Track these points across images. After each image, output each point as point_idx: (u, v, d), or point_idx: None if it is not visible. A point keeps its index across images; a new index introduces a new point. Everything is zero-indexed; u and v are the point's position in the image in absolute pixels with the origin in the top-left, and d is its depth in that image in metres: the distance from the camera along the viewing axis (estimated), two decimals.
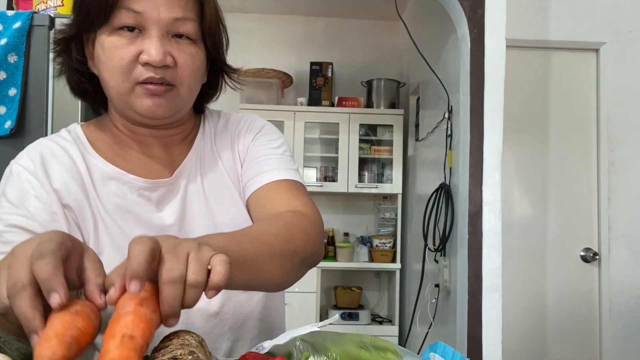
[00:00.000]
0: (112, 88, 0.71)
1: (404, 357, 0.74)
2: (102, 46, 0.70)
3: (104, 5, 0.68)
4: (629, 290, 2.36)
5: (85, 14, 0.70)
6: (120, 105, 0.73)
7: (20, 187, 0.71)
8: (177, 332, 0.62)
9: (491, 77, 1.88)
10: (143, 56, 0.68)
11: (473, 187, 1.88)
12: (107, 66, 0.70)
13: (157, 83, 0.69)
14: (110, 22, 0.69)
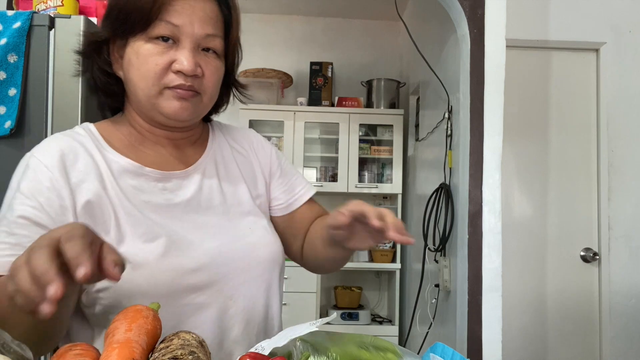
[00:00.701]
0: (141, 90, 0.77)
1: (404, 357, 0.74)
2: (136, 52, 0.76)
3: (146, 17, 0.74)
4: (629, 290, 2.36)
5: (124, 22, 0.76)
6: (146, 106, 0.78)
7: (35, 178, 0.74)
8: (177, 332, 0.62)
9: (491, 77, 1.88)
10: (176, 65, 0.75)
11: (473, 187, 1.88)
12: (140, 70, 0.76)
13: (185, 89, 0.76)
14: (147, 32, 0.75)
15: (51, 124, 1.45)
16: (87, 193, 0.75)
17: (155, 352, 0.58)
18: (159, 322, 0.62)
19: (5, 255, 0.68)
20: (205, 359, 0.59)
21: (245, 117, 3.40)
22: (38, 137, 1.44)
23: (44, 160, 0.76)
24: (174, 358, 0.55)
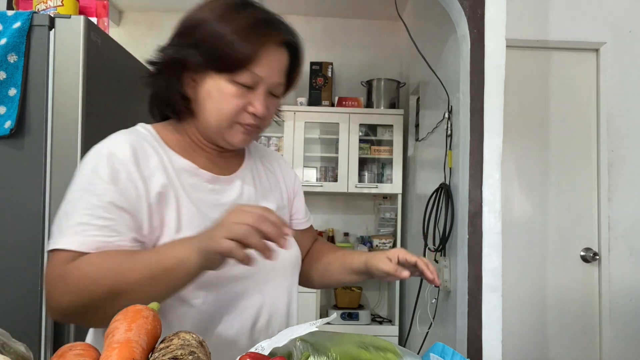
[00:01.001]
0: (215, 120, 0.87)
1: (404, 357, 0.74)
2: (218, 88, 0.85)
3: (239, 64, 0.84)
4: (629, 290, 2.36)
5: (216, 59, 0.84)
6: (213, 132, 0.89)
7: (114, 168, 0.81)
8: (177, 332, 0.62)
9: (491, 77, 1.88)
10: (251, 108, 0.87)
11: (473, 187, 1.88)
12: (218, 105, 0.86)
13: (253, 127, 0.89)
14: (233, 75, 0.85)
15: (51, 124, 1.45)
16: (157, 185, 0.84)
17: (155, 352, 0.58)
18: (159, 322, 0.62)
19: (94, 235, 0.77)
20: (205, 359, 0.59)
21: None
22: (38, 137, 1.44)
23: (119, 153, 0.83)
24: (174, 358, 0.55)
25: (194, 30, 0.85)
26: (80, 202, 0.79)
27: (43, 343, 1.41)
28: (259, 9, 0.90)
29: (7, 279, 1.42)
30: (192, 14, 0.88)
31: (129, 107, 1.83)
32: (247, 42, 0.83)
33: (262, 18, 0.88)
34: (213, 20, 0.84)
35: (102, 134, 1.58)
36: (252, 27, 0.85)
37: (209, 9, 0.87)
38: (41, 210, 1.43)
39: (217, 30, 0.83)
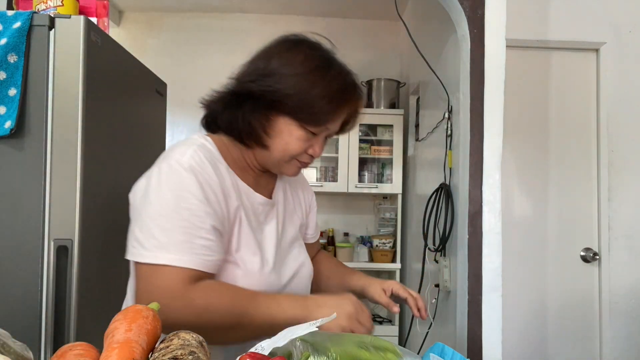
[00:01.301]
0: (277, 155, 0.95)
1: (404, 357, 0.74)
2: (288, 130, 0.93)
3: (320, 122, 0.93)
4: (629, 290, 2.36)
5: (299, 110, 0.91)
6: (270, 163, 0.97)
7: (202, 185, 0.86)
8: (177, 332, 0.62)
9: (491, 77, 1.88)
10: (311, 151, 0.96)
11: (473, 187, 1.88)
12: (286, 145, 0.93)
13: (306, 165, 1.00)
14: (307, 125, 0.92)
15: (51, 124, 1.45)
16: (232, 207, 0.91)
17: (155, 352, 0.58)
18: (158, 322, 0.62)
19: (199, 254, 0.83)
20: (205, 359, 0.59)
21: None
22: (38, 137, 1.44)
23: (204, 172, 0.88)
24: (174, 358, 0.55)
25: (283, 79, 0.90)
26: (177, 219, 0.83)
27: (43, 343, 1.41)
28: (343, 70, 0.96)
29: (7, 279, 1.42)
30: (283, 59, 0.93)
31: (129, 107, 1.83)
32: (331, 107, 0.92)
33: (347, 83, 0.95)
34: (303, 76, 0.90)
35: (102, 133, 1.59)
36: (338, 93, 0.92)
37: (300, 62, 0.92)
38: (41, 210, 1.43)
39: (306, 89, 0.90)
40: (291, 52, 0.94)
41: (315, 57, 0.93)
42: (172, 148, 0.92)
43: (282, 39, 0.98)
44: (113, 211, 1.68)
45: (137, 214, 0.87)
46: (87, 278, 1.48)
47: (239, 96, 0.94)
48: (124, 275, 1.81)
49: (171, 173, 0.86)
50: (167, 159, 0.88)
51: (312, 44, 0.97)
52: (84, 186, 1.46)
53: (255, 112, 0.92)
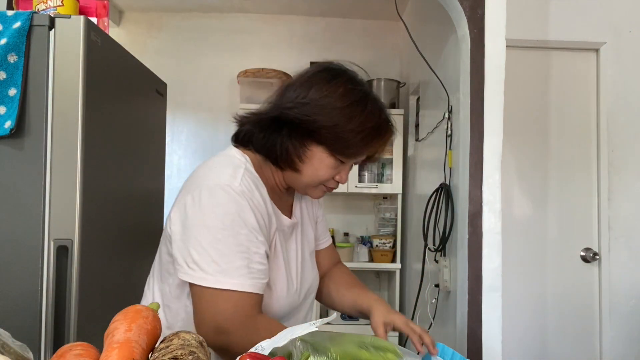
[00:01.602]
0: (306, 179, 1.00)
1: (404, 357, 0.74)
2: (320, 158, 0.97)
3: (350, 156, 0.98)
4: (629, 290, 2.36)
5: (333, 144, 0.96)
6: (298, 185, 1.02)
7: (255, 213, 0.91)
8: (177, 332, 0.62)
9: (491, 77, 1.88)
10: (337, 177, 1.02)
11: (473, 187, 1.88)
12: (316, 171, 0.98)
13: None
14: (338, 155, 0.97)
15: (51, 124, 1.45)
16: (272, 229, 0.97)
17: (155, 352, 0.58)
18: (158, 322, 0.62)
19: (257, 278, 0.89)
20: (205, 359, 0.59)
21: None
22: (38, 137, 1.44)
23: (254, 199, 0.92)
24: (174, 358, 0.55)
25: (322, 111, 0.94)
26: (235, 244, 0.87)
27: (43, 343, 1.41)
28: (379, 106, 1.00)
29: (7, 279, 1.42)
30: (323, 90, 0.95)
31: (129, 107, 1.83)
32: (364, 142, 0.97)
33: (382, 119, 0.99)
34: (341, 110, 0.94)
35: (102, 133, 1.59)
36: (373, 129, 0.97)
37: (339, 96, 0.95)
38: (41, 210, 1.43)
39: (343, 123, 0.94)
40: (331, 84, 0.96)
41: (354, 92, 0.96)
42: (216, 168, 0.95)
43: (323, 69, 1.01)
44: (113, 211, 1.68)
45: (187, 236, 0.89)
46: (87, 278, 1.48)
47: (278, 121, 0.97)
48: (124, 275, 1.81)
49: (226, 197, 0.89)
50: (216, 181, 0.91)
51: (351, 77, 1.00)
52: (84, 186, 1.46)
53: (292, 138, 0.96)
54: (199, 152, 3.73)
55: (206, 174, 0.95)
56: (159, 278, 1.02)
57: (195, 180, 0.95)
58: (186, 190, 0.95)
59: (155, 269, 1.06)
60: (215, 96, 3.73)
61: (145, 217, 2.02)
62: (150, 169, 2.06)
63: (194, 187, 0.92)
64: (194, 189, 0.92)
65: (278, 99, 1.01)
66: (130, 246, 1.85)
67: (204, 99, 3.72)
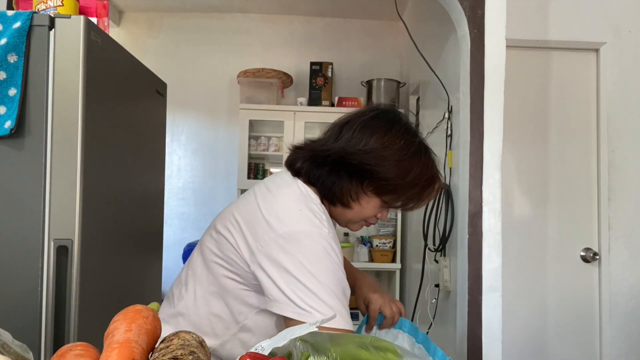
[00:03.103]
0: (353, 216, 1.06)
1: (404, 357, 0.74)
2: (368, 202, 1.03)
3: (402, 205, 1.06)
4: (629, 290, 2.36)
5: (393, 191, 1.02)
6: (341, 220, 1.08)
7: (340, 255, 0.97)
8: (177, 332, 0.62)
9: (491, 77, 1.88)
10: (380, 216, 1.09)
11: (473, 187, 1.88)
12: (363, 209, 1.04)
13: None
14: (389, 203, 1.04)
15: (51, 124, 1.45)
16: None
17: (155, 352, 0.58)
18: (158, 322, 0.62)
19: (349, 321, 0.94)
20: (205, 359, 0.59)
21: (246, 117, 3.39)
22: (38, 137, 1.44)
23: (337, 241, 0.97)
24: (174, 358, 0.55)
25: (384, 162, 0.98)
26: (336, 285, 0.93)
27: (43, 343, 1.40)
28: (431, 155, 1.05)
29: (7, 279, 1.42)
30: (384, 140, 0.99)
31: (129, 107, 1.83)
32: (418, 195, 1.03)
33: (434, 171, 1.04)
34: (401, 163, 0.99)
35: (102, 133, 1.59)
36: (426, 181, 1.02)
37: (399, 148, 1.00)
38: (41, 211, 1.43)
39: (401, 176, 0.99)
40: (390, 134, 1.01)
41: (413, 144, 1.02)
42: (301, 212, 0.96)
43: (381, 113, 1.05)
44: (113, 211, 1.68)
45: (291, 280, 0.91)
46: (87, 278, 1.48)
47: (338, 164, 1.00)
48: (124, 275, 1.81)
49: (322, 244, 0.93)
50: (309, 228, 0.94)
51: (407, 126, 1.05)
52: (84, 186, 1.46)
53: (352, 182, 1.01)
54: (199, 152, 3.73)
55: (295, 218, 0.96)
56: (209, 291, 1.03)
57: (280, 221, 0.95)
58: (269, 228, 0.95)
59: (197, 280, 1.05)
60: (215, 96, 3.73)
61: (145, 217, 2.02)
62: (150, 169, 2.06)
63: (282, 230, 0.94)
64: (283, 232, 0.93)
65: (335, 137, 1.04)
66: (130, 246, 1.85)
67: (204, 99, 3.72)
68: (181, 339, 0.59)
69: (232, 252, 0.99)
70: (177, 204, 3.71)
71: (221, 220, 1.06)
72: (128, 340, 0.55)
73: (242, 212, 1.02)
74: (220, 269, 1.01)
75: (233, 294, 1.01)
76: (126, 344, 0.54)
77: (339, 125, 1.06)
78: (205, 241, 1.08)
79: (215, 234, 1.04)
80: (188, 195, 3.74)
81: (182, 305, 1.05)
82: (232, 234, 0.99)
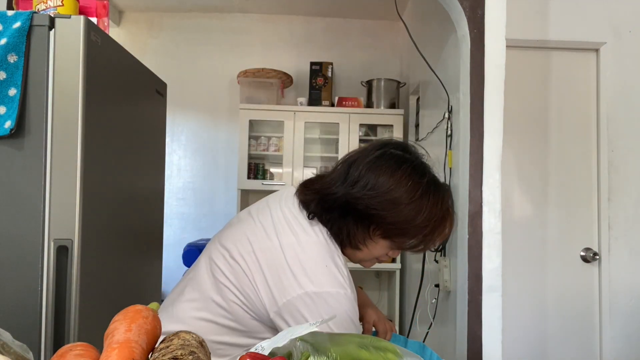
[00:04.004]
0: (364, 256, 1.04)
1: (404, 357, 0.74)
2: (379, 244, 1.02)
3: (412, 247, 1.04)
4: (629, 290, 2.36)
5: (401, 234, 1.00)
6: (353, 257, 1.06)
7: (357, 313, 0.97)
8: (177, 332, 0.62)
9: (491, 77, 1.88)
10: (390, 253, 1.06)
11: (473, 187, 1.88)
12: (372, 250, 1.03)
13: None
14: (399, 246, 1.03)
15: (51, 124, 1.45)
16: None
17: (155, 352, 0.58)
18: (158, 322, 0.62)
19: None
20: (206, 359, 0.59)
21: (246, 117, 3.40)
22: (38, 137, 1.44)
23: (356, 304, 0.96)
24: (174, 358, 0.55)
25: (390, 207, 0.95)
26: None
27: (43, 343, 1.40)
28: (442, 192, 1.01)
29: (7, 279, 1.42)
30: (390, 182, 0.96)
31: (129, 107, 1.83)
32: (428, 237, 0.99)
33: (445, 209, 1.00)
34: (409, 207, 0.96)
35: (102, 133, 1.59)
36: (437, 222, 0.98)
37: (407, 189, 0.96)
38: (41, 210, 1.43)
39: (410, 219, 0.96)
40: (397, 174, 0.96)
41: (421, 185, 0.97)
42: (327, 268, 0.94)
43: (387, 153, 1.00)
44: (113, 211, 1.68)
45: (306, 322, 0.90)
46: (87, 278, 1.48)
47: (344, 207, 0.97)
48: (124, 276, 1.81)
49: (348, 304, 0.93)
50: (335, 286, 0.93)
51: (415, 164, 1.00)
52: (84, 186, 1.46)
53: (358, 227, 0.99)
54: (199, 152, 3.73)
55: (321, 275, 0.94)
56: (212, 315, 1.00)
57: (306, 277, 0.93)
58: (295, 282, 0.93)
59: (205, 297, 1.01)
60: (215, 96, 3.73)
61: (145, 217, 2.02)
62: (150, 169, 2.06)
63: (309, 288, 0.92)
64: (311, 291, 0.92)
65: (343, 178, 0.99)
66: (130, 246, 1.85)
67: (204, 99, 3.72)
68: (181, 339, 0.59)
69: (250, 289, 0.95)
70: (177, 204, 3.71)
71: (234, 242, 1.01)
72: (128, 340, 0.55)
73: (263, 248, 0.97)
74: (233, 297, 0.98)
75: (244, 321, 0.98)
76: (126, 344, 0.54)
77: (346, 164, 1.02)
78: (214, 258, 1.02)
79: (229, 257, 0.99)
80: (188, 195, 3.74)
81: (181, 324, 1.00)
82: (251, 269, 0.96)
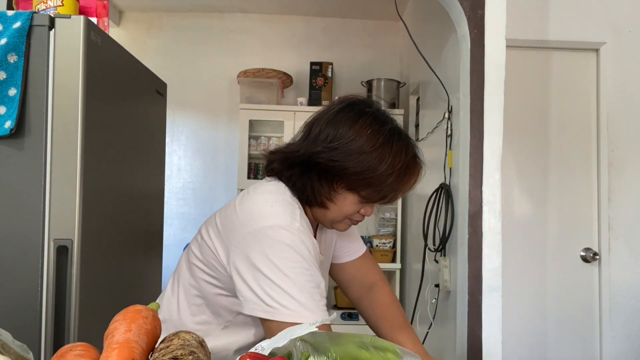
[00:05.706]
0: (334, 215, 1.01)
1: (404, 357, 0.74)
2: (348, 199, 0.99)
3: (379, 200, 1.00)
4: (629, 290, 2.36)
5: (363, 189, 0.97)
6: (324, 220, 1.04)
7: (314, 251, 0.94)
8: (177, 332, 0.62)
9: (491, 77, 1.88)
10: (362, 211, 1.03)
11: (473, 187, 1.88)
12: (342, 206, 1.00)
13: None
14: (366, 198, 0.99)
15: (51, 124, 1.45)
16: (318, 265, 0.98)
17: (155, 352, 0.58)
18: (158, 322, 0.62)
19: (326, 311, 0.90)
20: (206, 359, 0.59)
21: (246, 117, 3.39)
22: (38, 137, 1.44)
23: (312, 238, 0.95)
24: (174, 358, 0.55)
25: (351, 157, 0.94)
26: (307, 281, 0.89)
27: (43, 343, 1.41)
28: (405, 141, 1.00)
29: (7, 279, 1.42)
30: (350, 133, 0.95)
31: (129, 107, 1.83)
32: (395, 185, 0.97)
33: (410, 157, 0.99)
34: (370, 155, 0.94)
35: (102, 133, 1.59)
36: (402, 169, 0.96)
37: (367, 138, 0.95)
38: (41, 210, 1.43)
39: (372, 168, 0.94)
40: (357, 125, 0.96)
41: (381, 133, 0.97)
42: (273, 208, 0.94)
43: (347, 105, 1.02)
44: (113, 211, 1.68)
45: (258, 275, 0.88)
46: (87, 278, 1.48)
47: (306, 164, 0.97)
48: (124, 275, 1.81)
49: (290, 238, 0.90)
50: (278, 222, 0.91)
51: (376, 114, 1.01)
52: (84, 186, 1.46)
53: (321, 181, 0.97)
54: (199, 152, 3.73)
55: (264, 214, 0.93)
56: (185, 295, 1.04)
57: (251, 218, 0.93)
58: (241, 226, 0.93)
59: (181, 282, 1.06)
60: (215, 96, 3.73)
61: (145, 217, 2.02)
62: (150, 169, 2.06)
63: (252, 226, 0.92)
64: (253, 229, 0.91)
65: (304, 136, 1.01)
66: (130, 246, 1.85)
67: (204, 99, 3.72)
68: (181, 339, 0.59)
69: (212, 256, 0.98)
70: (177, 204, 3.71)
71: (205, 225, 1.05)
72: (128, 341, 0.55)
73: (222, 216, 1.01)
74: (201, 273, 1.01)
75: (213, 300, 1.00)
76: (126, 344, 0.54)
77: (308, 124, 1.03)
78: (191, 245, 1.08)
79: (200, 238, 1.04)
80: (188, 195, 3.74)
81: (166, 311, 1.05)
82: (212, 237, 0.98)
